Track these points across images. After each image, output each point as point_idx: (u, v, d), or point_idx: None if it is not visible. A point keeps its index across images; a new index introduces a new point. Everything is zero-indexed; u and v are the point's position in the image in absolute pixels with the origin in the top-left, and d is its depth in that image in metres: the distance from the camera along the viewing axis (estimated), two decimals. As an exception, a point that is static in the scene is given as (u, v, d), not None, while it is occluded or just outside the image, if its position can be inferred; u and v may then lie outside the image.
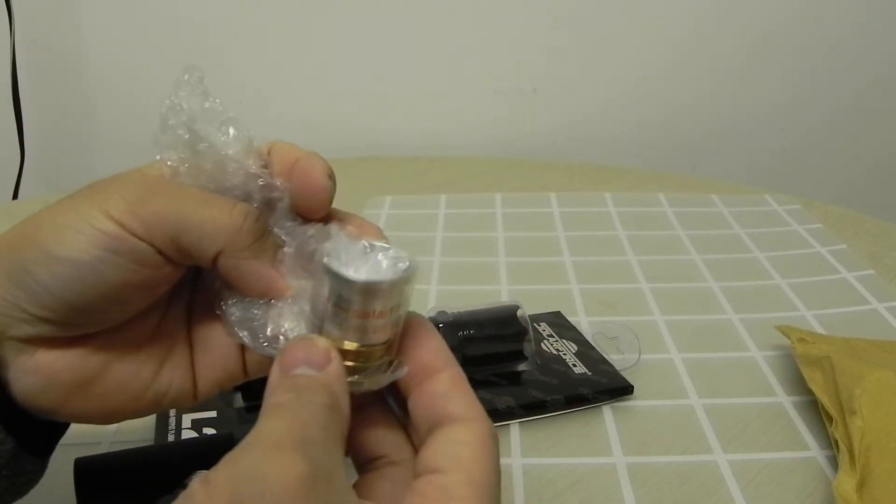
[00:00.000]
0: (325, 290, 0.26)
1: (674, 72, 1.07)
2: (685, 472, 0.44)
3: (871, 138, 1.14)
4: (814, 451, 0.46)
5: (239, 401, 0.46)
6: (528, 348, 0.50)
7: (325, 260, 0.25)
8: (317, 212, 0.30)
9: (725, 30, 1.05)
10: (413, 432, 0.28)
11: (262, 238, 0.29)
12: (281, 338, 0.28)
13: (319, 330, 0.26)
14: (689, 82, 1.08)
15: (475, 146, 1.08)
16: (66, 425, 0.32)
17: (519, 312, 0.51)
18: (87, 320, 0.28)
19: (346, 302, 0.25)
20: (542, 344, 0.54)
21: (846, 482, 0.40)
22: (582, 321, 0.59)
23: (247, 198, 0.29)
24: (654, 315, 0.61)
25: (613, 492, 0.43)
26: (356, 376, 0.26)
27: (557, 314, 0.59)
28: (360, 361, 0.26)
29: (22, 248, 0.27)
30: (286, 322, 0.28)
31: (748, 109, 1.10)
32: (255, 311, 0.29)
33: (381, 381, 0.27)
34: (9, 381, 0.29)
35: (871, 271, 0.67)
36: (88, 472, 0.38)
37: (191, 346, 0.32)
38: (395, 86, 1.06)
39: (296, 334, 0.28)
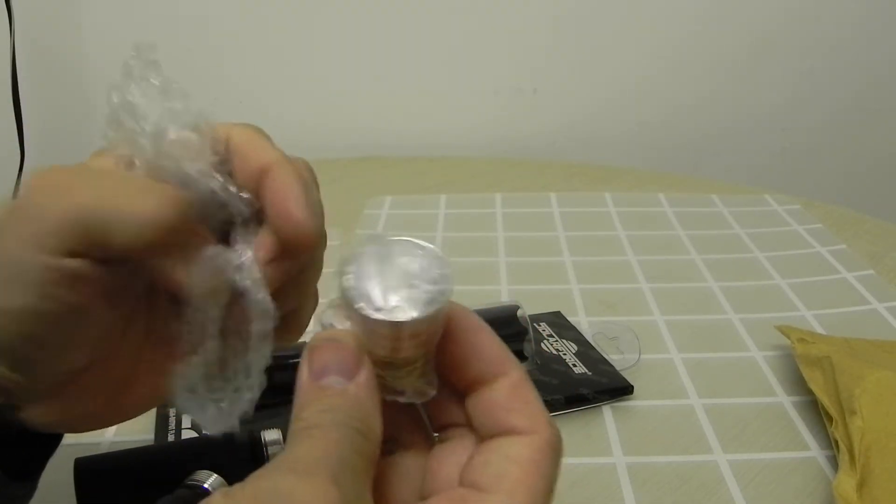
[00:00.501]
0: (353, 314, 0.23)
1: (674, 72, 1.07)
2: (685, 471, 0.44)
3: (872, 138, 1.14)
4: (814, 451, 0.46)
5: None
6: (529, 348, 0.50)
7: (349, 296, 0.22)
8: (300, 254, 0.26)
9: (725, 30, 1.05)
10: (453, 420, 0.26)
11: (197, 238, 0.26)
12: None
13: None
14: (689, 82, 1.08)
15: (475, 146, 1.08)
16: (55, 449, 0.32)
17: (519, 312, 0.50)
18: (64, 368, 0.27)
19: (374, 331, 0.23)
20: (542, 344, 0.54)
21: (846, 482, 0.40)
22: (582, 321, 0.59)
23: (206, 203, 0.26)
24: (654, 315, 0.61)
25: (613, 492, 0.43)
26: (388, 383, 0.24)
27: (557, 314, 0.59)
28: (391, 370, 0.24)
29: None
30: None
31: (748, 109, 1.10)
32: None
33: (414, 394, 0.25)
34: (23, 419, 0.28)
35: (871, 271, 0.67)
36: (88, 471, 0.38)
37: None
38: (395, 86, 1.06)
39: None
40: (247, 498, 0.20)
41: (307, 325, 0.31)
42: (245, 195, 0.26)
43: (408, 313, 0.22)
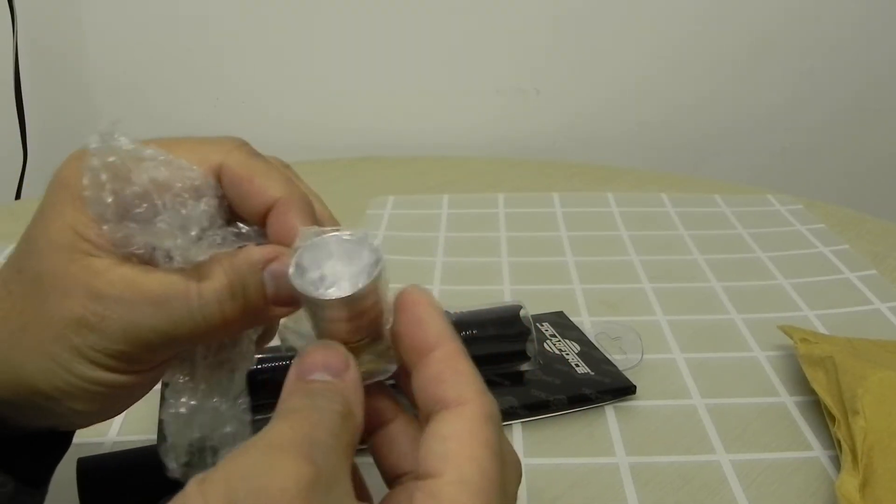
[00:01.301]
0: (306, 308, 0.26)
1: (674, 72, 1.07)
2: (688, 472, 0.44)
3: (873, 138, 1.14)
4: (816, 452, 0.46)
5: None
6: (531, 348, 0.50)
7: (294, 283, 0.24)
8: None
9: (726, 30, 1.05)
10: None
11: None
12: None
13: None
14: (689, 82, 1.08)
15: (477, 146, 1.08)
16: (62, 455, 0.32)
17: (521, 312, 0.50)
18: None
19: (329, 314, 0.25)
20: (545, 344, 0.54)
21: (849, 482, 0.40)
22: (584, 321, 0.59)
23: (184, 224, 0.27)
24: (657, 315, 0.61)
25: (616, 492, 0.43)
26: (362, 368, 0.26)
27: (560, 314, 0.59)
28: (362, 355, 0.26)
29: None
30: None
31: (749, 109, 1.10)
32: None
33: (381, 372, 0.27)
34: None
35: (874, 271, 0.67)
36: (91, 472, 0.38)
37: None
38: (397, 86, 1.06)
39: None
40: (219, 482, 0.20)
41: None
42: (246, 229, 0.28)
43: (352, 286, 0.24)
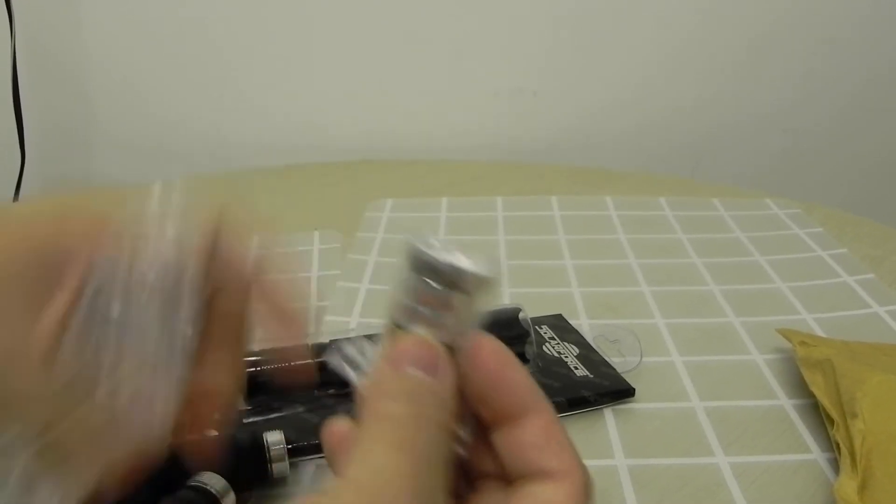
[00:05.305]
0: (404, 283, 0.24)
1: (674, 73, 1.07)
2: (686, 474, 0.44)
3: (873, 140, 1.14)
4: (815, 454, 0.46)
5: (241, 402, 0.46)
6: (530, 351, 0.50)
7: (414, 242, 0.23)
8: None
9: (725, 31, 1.05)
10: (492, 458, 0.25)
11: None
12: None
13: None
14: (689, 84, 1.08)
15: (475, 149, 1.08)
16: None
17: (520, 315, 0.51)
18: None
19: (424, 288, 0.23)
20: (544, 347, 0.54)
21: (847, 485, 0.40)
22: (583, 324, 0.59)
23: None
24: (655, 318, 0.61)
25: (615, 494, 0.43)
26: None
27: (559, 317, 0.59)
28: None
29: None
30: None
31: (749, 111, 1.10)
32: None
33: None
34: None
35: (872, 275, 0.67)
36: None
37: None
38: (396, 88, 1.06)
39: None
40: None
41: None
42: None
43: (481, 267, 0.23)
